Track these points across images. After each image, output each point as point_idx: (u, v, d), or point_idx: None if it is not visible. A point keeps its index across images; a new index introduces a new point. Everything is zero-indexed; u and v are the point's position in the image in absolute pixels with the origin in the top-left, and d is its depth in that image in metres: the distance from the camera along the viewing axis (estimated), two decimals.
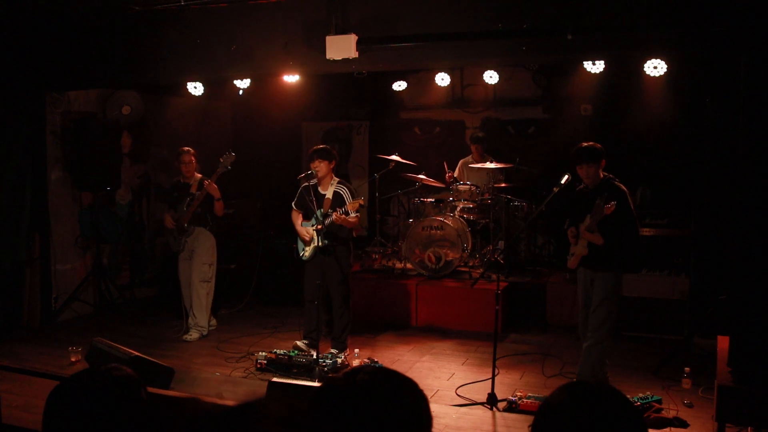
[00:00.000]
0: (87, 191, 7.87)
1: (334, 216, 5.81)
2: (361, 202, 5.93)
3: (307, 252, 6.10)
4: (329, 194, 6.02)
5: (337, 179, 6.14)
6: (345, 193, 6.00)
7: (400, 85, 9.02)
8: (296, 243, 6.30)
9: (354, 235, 6.37)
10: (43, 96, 7.35)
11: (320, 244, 5.86)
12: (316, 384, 5.08)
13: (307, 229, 6.09)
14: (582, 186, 5.20)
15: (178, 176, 7.01)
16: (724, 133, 6.30)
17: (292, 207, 6.30)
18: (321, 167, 6.00)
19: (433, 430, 1.48)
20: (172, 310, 7.42)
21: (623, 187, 5.05)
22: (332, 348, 6.09)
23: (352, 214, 5.89)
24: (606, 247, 4.96)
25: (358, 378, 1.44)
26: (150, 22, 6.21)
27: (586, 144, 5.10)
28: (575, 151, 5.11)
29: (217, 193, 6.68)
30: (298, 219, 6.22)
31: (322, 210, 5.96)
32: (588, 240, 5.01)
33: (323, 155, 6.02)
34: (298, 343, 6.16)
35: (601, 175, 5.10)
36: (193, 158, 6.87)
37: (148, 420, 1.75)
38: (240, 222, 8.60)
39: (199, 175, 6.88)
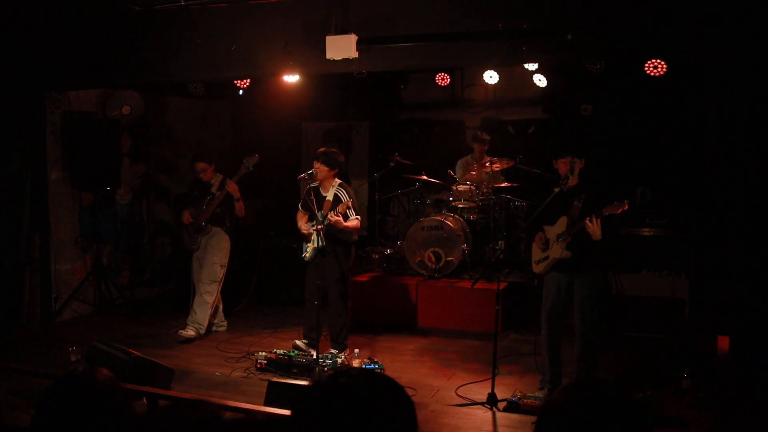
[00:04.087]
0: (87, 191, 7.87)
1: (329, 217, 5.82)
2: (349, 205, 5.92)
3: (308, 253, 6.10)
4: (330, 196, 6.04)
5: (339, 181, 6.15)
6: (343, 195, 6.02)
7: (400, 85, 9.01)
8: (299, 243, 6.31)
9: (354, 238, 6.37)
10: (43, 96, 7.35)
11: (320, 244, 5.88)
12: None
13: (308, 226, 6.09)
14: (560, 188, 4.95)
15: (197, 177, 6.98)
16: (724, 133, 6.30)
17: (298, 208, 6.31)
18: (321, 170, 6.02)
19: (432, 430, 1.48)
20: (173, 310, 7.42)
21: (600, 189, 4.95)
22: (332, 348, 6.10)
23: (352, 218, 5.90)
24: (595, 247, 4.82)
25: (341, 381, 1.42)
26: (150, 22, 6.21)
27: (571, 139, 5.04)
28: (559, 144, 5.00)
29: (237, 194, 6.69)
30: (302, 219, 6.21)
31: (322, 212, 5.97)
32: (591, 232, 4.69)
33: (325, 160, 6.03)
34: (298, 342, 6.17)
35: (578, 177, 4.98)
36: (205, 165, 6.84)
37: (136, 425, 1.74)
38: (240, 222, 8.58)
39: (221, 175, 6.89)
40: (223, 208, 6.81)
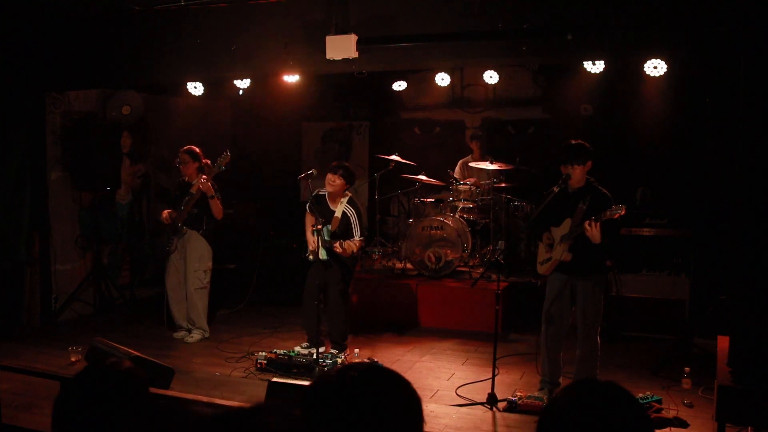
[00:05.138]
0: (87, 191, 7.86)
1: (335, 247, 5.81)
2: (360, 245, 5.92)
3: (311, 255, 6.08)
4: (338, 212, 6.00)
5: (349, 196, 6.11)
6: (353, 218, 5.97)
7: (400, 85, 9.01)
8: (300, 243, 6.29)
9: (359, 253, 6.39)
10: (43, 96, 7.35)
11: (324, 257, 5.88)
12: None
13: (314, 239, 5.97)
14: (559, 187, 4.95)
15: (183, 176, 6.88)
16: (724, 133, 6.30)
17: (306, 210, 6.22)
18: (337, 184, 5.98)
19: (432, 430, 1.48)
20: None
21: (607, 192, 4.91)
22: (332, 348, 6.10)
23: (356, 238, 5.91)
24: (597, 250, 4.80)
25: (349, 375, 1.43)
26: (150, 22, 6.21)
27: (575, 142, 4.94)
28: (562, 149, 4.94)
29: (210, 191, 6.47)
30: (310, 224, 6.08)
31: (329, 227, 5.92)
32: (590, 236, 4.70)
33: (344, 174, 6.00)
34: (297, 348, 6.15)
35: (584, 179, 4.94)
36: (188, 158, 6.63)
37: (154, 416, 1.76)
38: (240, 222, 8.60)
39: (203, 175, 6.79)
40: (200, 209, 6.60)
